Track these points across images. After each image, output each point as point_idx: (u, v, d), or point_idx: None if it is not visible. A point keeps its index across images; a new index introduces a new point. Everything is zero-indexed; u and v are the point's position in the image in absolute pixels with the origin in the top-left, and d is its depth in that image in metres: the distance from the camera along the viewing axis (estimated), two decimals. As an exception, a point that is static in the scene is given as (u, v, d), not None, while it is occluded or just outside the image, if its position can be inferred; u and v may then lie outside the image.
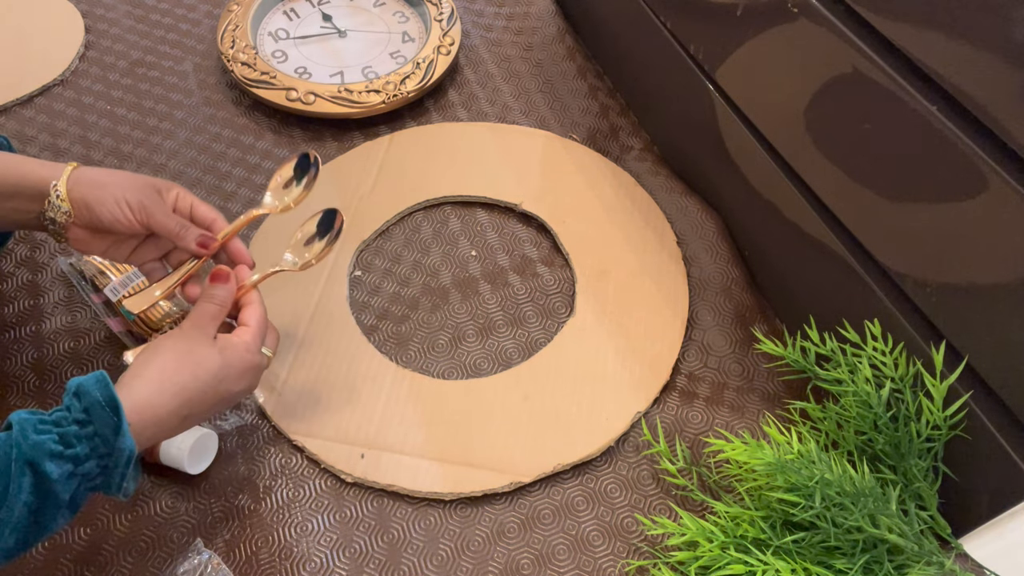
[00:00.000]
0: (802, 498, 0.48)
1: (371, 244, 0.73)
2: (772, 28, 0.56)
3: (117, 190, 0.52)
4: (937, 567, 0.48)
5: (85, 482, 0.42)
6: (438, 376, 0.64)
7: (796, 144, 0.58)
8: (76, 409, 0.42)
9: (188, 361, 0.47)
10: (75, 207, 0.51)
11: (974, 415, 0.48)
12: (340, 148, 0.80)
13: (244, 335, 0.51)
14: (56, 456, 0.41)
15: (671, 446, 0.59)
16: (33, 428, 0.41)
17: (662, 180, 0.75)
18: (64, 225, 0.52)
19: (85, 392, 0.42)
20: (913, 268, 0.50)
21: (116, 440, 0.42)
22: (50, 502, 0.41)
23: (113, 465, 0.42)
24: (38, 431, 0.41)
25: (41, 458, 0.40)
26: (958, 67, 0.42)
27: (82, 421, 0.42)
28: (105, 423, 0.42)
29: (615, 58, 0.85)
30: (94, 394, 0.42)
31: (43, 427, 0.41)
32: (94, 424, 0.42)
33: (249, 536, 0.55)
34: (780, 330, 0.66)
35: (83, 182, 0.52)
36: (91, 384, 0.42)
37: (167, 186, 0.54)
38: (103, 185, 0.52)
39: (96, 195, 0.51)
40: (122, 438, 0.42)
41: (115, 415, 0.42)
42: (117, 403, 0.42)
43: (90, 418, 0.42)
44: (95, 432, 0.42)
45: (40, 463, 0.40)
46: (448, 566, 0.54)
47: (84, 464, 0.41)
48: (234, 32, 0.86)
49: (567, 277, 0.70)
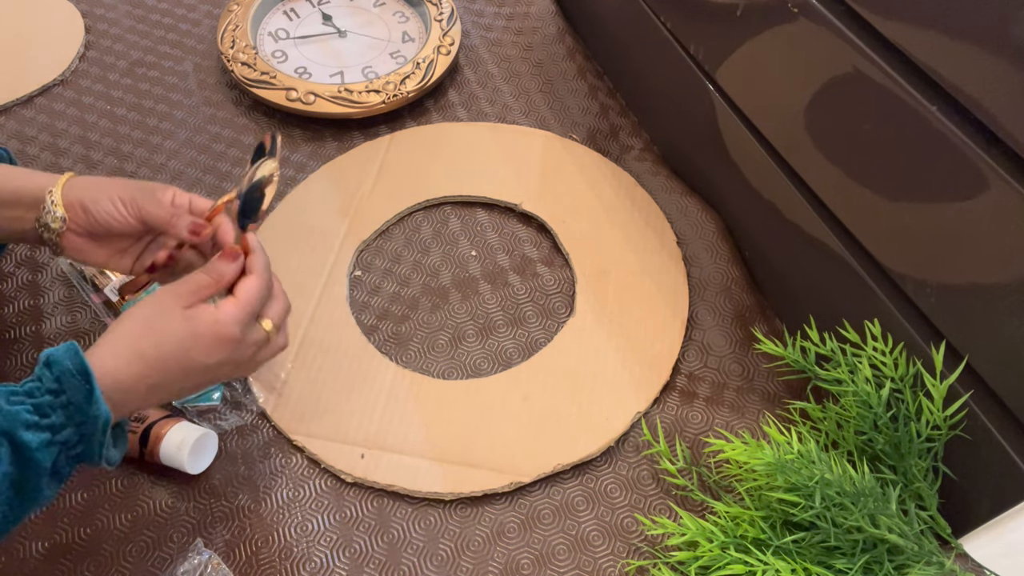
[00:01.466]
0: (802, 498, 0.48)
1: (371, 244, 0.73)
2: (772, 28, 0.56)
3: (111, 190, 0.52)
4: (937, 567, 0.48)
5: (66, 450, 0.42)
6: (438, 376, 0.64)
7: (796, 144, 0.58)
8: (48, 379, 0.42)
9: (150, 328, 0.46)
10: (70, 211, 0.51)
11: (974, 415, 0.48)
12: (340, 148, 0.80)
13: (223, 305, 0.48)
14: (32, 426, 0.41)
15: (671, 446, 0.59)
16: (5, 399, 0.41)
17: (662, 180, 0.75)
18: (59, 232, 0.52)
19: (56, 361, 0.42)
20: (913, 268, 0.50)
21: (90, 407, 0.42)
22: (31, 471, 0.41)
23: (90, 432, 0.42)
24: (10, 402, 0.41)
25: (16, 428, 0.40)
26: (958, 67, 0.42)
27: (55, 391, 0.42)
28: (77, 391, 0.42)
29: (615, 58, 0.85)
30: (65, 363, 0.42)
31: (15, 399, 0.41)
32: (67, 393, 0.42)
33: (249, 536, 0.55)
34: (780, 330, 0.66)
35: (79, 186, 0.52)
36: (61, 353, 0.42)
37: (163, 187, 0.54)
38: (98, 187, 0.52)
39: (90, 196, 0.51)
40: (95, 404, 0.42)
41: (86, 382, 0.42)
42: (88, 370, 0.42)
43: (62, 387, 0.42)
44: (68, 400, 0.42)
45: (16, 433, 0.40)
46: (448, 566, 0.54)
47: (61, 432, 0.42)
48: (234, 32, 0.86)
49: (567, 277, 0.70)
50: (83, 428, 0.42)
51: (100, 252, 0.54)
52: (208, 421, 0.60)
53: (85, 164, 0.78)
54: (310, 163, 0.78)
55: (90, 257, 0.54)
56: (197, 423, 0.59)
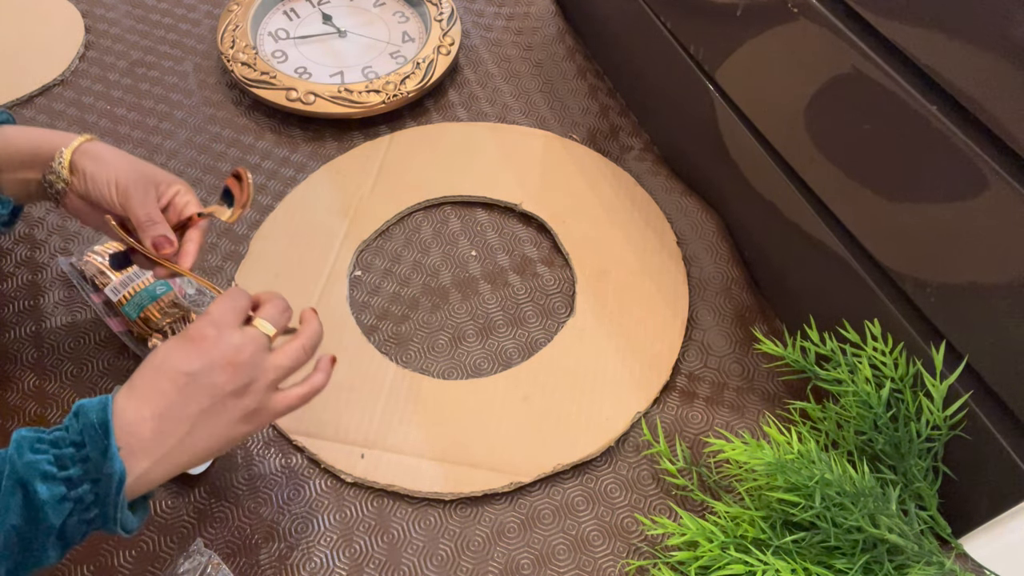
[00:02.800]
0: (802, 498, 0.48)
1: (371, 244, 0.73)
2: (772, 28, 0.56)
3: (114, 170, 0.52)
4: (937, 567, 0.48)
5: (79, 511, 0.40)
6: (438, 376, 0.64)
7: (796, 144, 0.58)
8: (74, 430, 0.40)
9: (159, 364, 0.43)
10: (75, 175, 0.52)
11: (974, 415, 0.48)
12: (340, 148, 0.80)
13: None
14: (49, 477, 0.39)
15: (671, 446, 0.59)
16: (30, 447, 0.40)
17: (662, 180, 0.75)
18: (61, 192, 0.52)
19: (84, 413, 0.41)
20: (913, 268, 0.50)
21: (104, 463, 0.40)
22: (40, 527, 0.39)
23: (105, 492, 0.40)
24: (34, 450, 0.39)
25: (33, 478, 0.39)
26: (958, 67, 0.42)
27: (78, 443, 0.40)
28: (95, 445, 0.40)
29: (615, 58, 0.85)
30: (91, 416, 0.40)
31: (40, 446, 0.40)
32: (87, 447, 0.40)
33: (249, 536, 0.55)
34: (780, 330, 0.66)
35: (89, 154, 0.52)
36: (92, 405, 0.41)
37: (169, 181, 0.54)
38: (106, 162, 0.52)
39: (95, 168, 0.52)
40: (110, 461, 0.40)
41: (104, 436, 0.40)
42: (108, 424, 0.40)
43: (84, 440, 0.40)
44: (88, 455, 0.40)
45: (31, 483, 0.38)
46: (448, 566, 0.54)
47: (77, 488, 0.40)
48: (234, 32, 0.86)
49: (567, 277, 0.70)
50: (98, 487, 0.40)
51: (96, 217, 0.54)
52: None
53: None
54: (310, 163, 0.78)
55: (86, 220, 0.54)
56: (197, 423, 0.59)
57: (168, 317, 0.62)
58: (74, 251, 0.71)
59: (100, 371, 0.63)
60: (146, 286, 0.62)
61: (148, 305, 0.62)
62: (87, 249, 0.66)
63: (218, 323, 0.44)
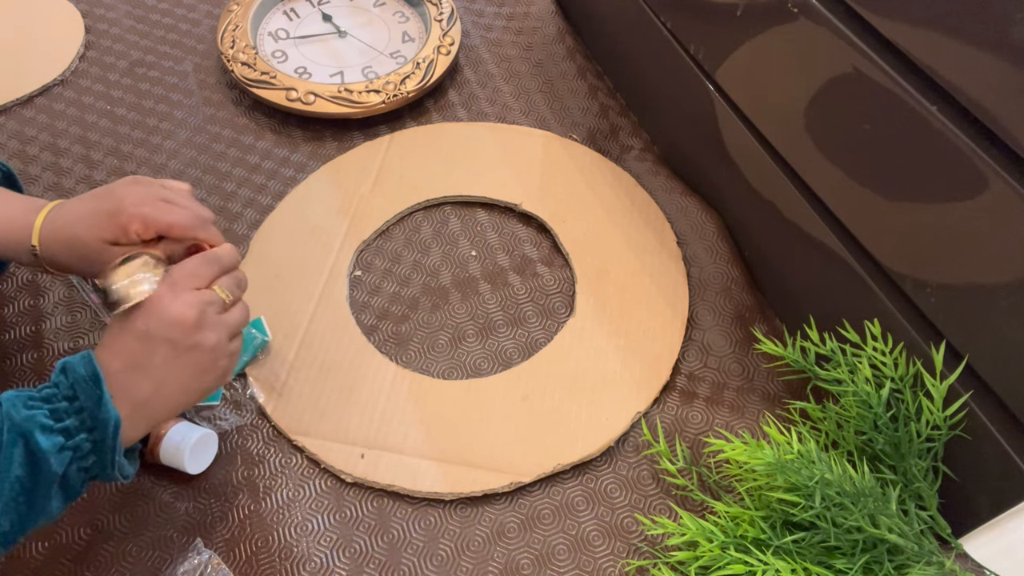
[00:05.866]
0: (802, 498, 0.48)
1: (371, 244, 0.73)
2: (772, 28, 0.56)
3: (77, 250, 0.52)
4: (937, 567, 0.48)
5: (78, 459, 0.43)
6: (438, 376, 0.64)
7: (796, 144, 0.58)
8: (64, 385, 0.43)
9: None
10: (52, 264, 0.54)
11: (974, 415, 0.48)
12: (340, 148, 0.80)
13: None
14: (47, 429, 0.41)
15: (671, 446, 0.59)
16: (23, 403, 0.42)
17: (662, 180, 0.75)
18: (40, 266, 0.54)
19: (71, 368, 0.44)
20: (913, 268, 0.50)
21: (99, 411, 0.43)
22: (43, 477, 0.41)
23: (101, 438, 0.43)
24: (28, 406, 0.42)
25: (32, 429, 0.41)
26: (958, 67, 0.42)
27: (70, 396, 0.43)
28: (89, 395, 0.43)
29: (615, 58, 0.85)
30: (79, 369, 0.44)
31: (32, 403, 0.42)
32: (80, 399, 0.43)
33: (249, 536, 0.55)
34: (780, 330, 0.66)
35: (54, 238, 0.52)
36: (77, 361, 0.44)
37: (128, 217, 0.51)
38: (67, 243, 0.52)
39: (67, 256, 0.53)
40: (104, 408, 0.43)
41: (97, 387, 0.43)
42: (99, 375, 0.44)
43: (76, 393, 0.43)
44: (82, 406, 0.43)
45: (31, 434, 0.41)
46: (448, 566, 0.54)
47: (74, 437, 0.42)
48: (234, 32, 0.86)
49: (567, 277, 0.70)
50: (95, 434, 0.43)
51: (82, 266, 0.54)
52: (208, 421, 0.60)
53: (85, 164, 0.78)
54: (310, 163, 0.78)
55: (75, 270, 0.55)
56: (197, 423, 0.59)
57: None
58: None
59: (100, 371, 0.63)
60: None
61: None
62: (87, 249, 0.65)
63: (174, 285, 0.48)
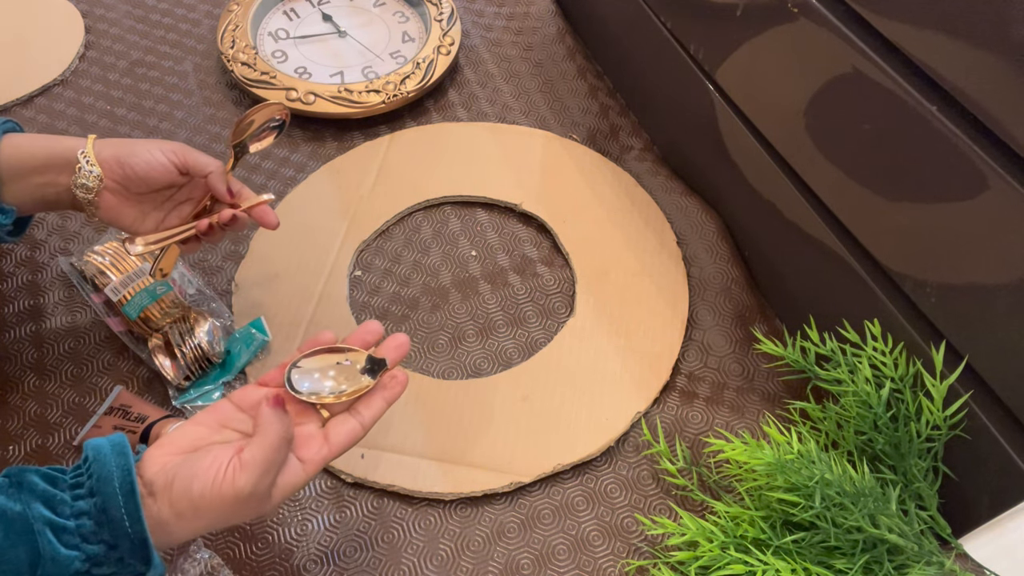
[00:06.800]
0: (802, 498, 0.48)
1: (371, 244, 0.73)
2: (772, 28, 0.56)
3: (144, 144, 0.54)
4: (937, 567, 0.48)
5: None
6: (438, 376, 0.64)
7: (796, 144, 0.58)
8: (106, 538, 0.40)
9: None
10: (105, 167, 0.53)
11: (974, 415, 0.48)
12: (340, 148, 0.80)
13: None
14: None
15: (671, 446, 0.59)
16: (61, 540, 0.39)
17: (662, 180, 0.75)
18: (96, 190, 0.53)
19: (114, 523, 0.40)
20: (913, 268, 0.50)
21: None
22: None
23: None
24: (65, 543, 0.39)
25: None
26: (958, 67, 0.42)
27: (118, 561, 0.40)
28: (133, 553, 0.40)
29: (615, 58, 0.85)
30: (124, 527, 0.40)
31: (69, 539, 0.40)
32: (124, 557, 0.40)
33: (249, 536, 0.55)
34: (780, 330, 0.66)
35: (109, 144, 0.54)
36: (118, 516, 0.40)
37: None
38: (129, 143, 0.54)
39: (125, 150, 0.53)
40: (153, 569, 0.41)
41: (144, 549, 0.40)
42: (147, 540, 0.40)
43: (121, 554, 0.40)
44: (121, 556, 0.40)
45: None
46: (448, 566, 0.54)
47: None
48: (234, 32, 0.86)
49: (567, 277, 0.70)
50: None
51: (130, 211, 0.55)
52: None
53: (85, 164, 0.78)
54: (310, 163, 0.78)
55: (120, 216, 0.55)
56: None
57: (168, 317, 0.62)
58: (74, 251, 0.71)
59: (100, 371, 0.63)
60: (146, 286, 0.62)
61: (148, 305, 0.62)
62: (87, 249, 0.65)
63: (258, 495, 0.43)
